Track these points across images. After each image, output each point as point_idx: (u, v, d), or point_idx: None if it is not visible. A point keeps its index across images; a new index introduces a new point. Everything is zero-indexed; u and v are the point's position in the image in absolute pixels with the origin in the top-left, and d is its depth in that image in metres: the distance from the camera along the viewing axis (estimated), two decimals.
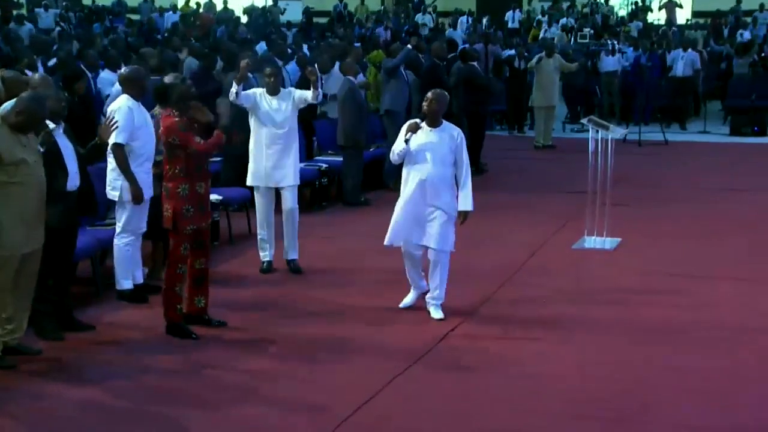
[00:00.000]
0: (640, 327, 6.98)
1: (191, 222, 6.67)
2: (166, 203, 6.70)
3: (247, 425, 5.37)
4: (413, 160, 7.00)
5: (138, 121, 7.28)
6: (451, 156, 6.99)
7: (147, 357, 6.44)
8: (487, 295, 7.74)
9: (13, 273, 6.06)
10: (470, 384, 5.96)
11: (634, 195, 11.50)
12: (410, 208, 7.00)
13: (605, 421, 5.41)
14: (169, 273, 6.72)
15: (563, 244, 9.42)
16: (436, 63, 12.90)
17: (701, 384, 5.95)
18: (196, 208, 6.68)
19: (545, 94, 16.00)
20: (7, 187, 5.93)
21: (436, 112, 7.02)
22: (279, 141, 8.33)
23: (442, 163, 6.96)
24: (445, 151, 6.97)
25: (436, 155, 6.95)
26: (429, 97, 7.05)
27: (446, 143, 6.98)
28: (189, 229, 6.68)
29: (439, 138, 6.99)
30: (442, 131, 7.03)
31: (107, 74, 12.05)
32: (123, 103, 7.38)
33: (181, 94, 6.68)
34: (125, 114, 7.24)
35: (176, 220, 6.63)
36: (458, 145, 7.00)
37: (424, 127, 6.99)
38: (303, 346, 6.60)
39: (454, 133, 7.04)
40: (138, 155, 7.32)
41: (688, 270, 8.54)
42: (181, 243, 6.69)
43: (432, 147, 6.95)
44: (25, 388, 5.90)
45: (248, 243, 9.55)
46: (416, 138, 6.96)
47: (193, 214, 6.67)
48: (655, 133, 16.87)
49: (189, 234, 6.70)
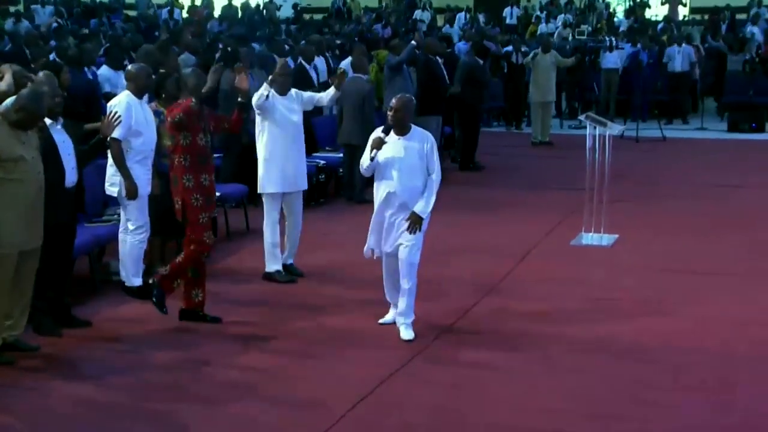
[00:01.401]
0: (641, 325, 6.99)
1: (202, 210, 6.75)
2: (176, 196, 6.80)
3: (246, 421, 5.37)
4: (381, 173, 6.62)
5: (138, 117, 7.27)
6: (422, 164, 6.57)
7: (145, 353, 6.44)
8: (484, 292, 7.74)
9: (13, 271, 6.06)
10: (469, 379, 5.96)
11: (632, 191, 11.51)
12: (379, 219, 6.66)
13: (606, 419, 5.42)
14: (193, 253, 6.77)
15: (561, 240, 9.43)
16: (431, 59, 12.90)
17: (698, 382, 5.96)
18: (204, 198, 6.76)
19: (542, 90, 16.01)
20: (6, 184, 5.93)
21: (402, 120, 6.60)
22: (297, 143, 8.03)
23: (412, 174, 6.54)
24: (414, 161, 6.55)
25: (405, 166, 6.54)
26: (393, 105, 6.61)
27: (415, 152, 6.56)
28: (203, 216, 6.75)
29: (407, 147, 6.57)
30: (410, 140, 6.60)
31: (106, 70, 12.03)
32: (123, 99, 7.38)
33: (195, 86, 6.75)
34: (124, 110, 7.25)
35: (186, 211, 6.71)
36: (428, 152, 6.59)
37: (391, 138, 6.58)
38: (301, 342, 6.61)
39: (424, 138, 6.65)
40: (138, 152, 7.32)
41: (686, 266, 8.55)
42: (202, 232, 6.77)
43: (400, 159, 6.55)
44: (23, 384, 5.90)
45: (245, 239, 9.56)
46: (383, 149, 6.57)
47: (202, 203, 6.75)
48: (652, 130, 16.88)
49: (205, 223, 6.78)
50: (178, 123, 6.67)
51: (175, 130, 6.73)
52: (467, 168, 13.79)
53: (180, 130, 6.70)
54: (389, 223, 6.62)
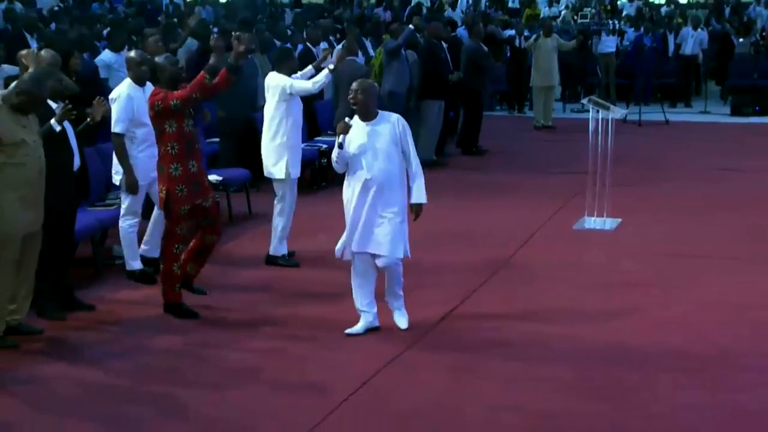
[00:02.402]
0: (643, 309, 7.00)
1: (185, 202, 6.66)
2: (161, 184, 6.71)
3: (248, 405, 5.39)
4: (354, 162, 6.26)
5: (140, 107, 7.23)
6: (395, 148, 6.24)
7: (147, 337, 6.46)
8: (487, 276, 7.75)
9: (17, 254, 6.07)
10: (470, 364, 5.97)
11: (635, 175, 11.48)
12: (356, 215, 6.27)
13: (606, 404, 5.43)
14: (167, 253, 6.73)
15: (564, 224, 9.42)
16: (434, 43, 12.86)
17: (700, 365, 5.97)
18: (190, 188, 6.66)
19: (544, 74, 15.96)
20: (8, 167, 5.94)
21: (363, 103, 6.25)
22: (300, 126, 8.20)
23: (386, 160, 6.22)
24: (386, 145, 6.22)
25: (377, 152, 6.20)
26: (354, 88, 6.27)
27: (387, 136, 6.23)
28: (183, 209, 6.68)
29: (376, 132, 6.24)
30: (377, 123, 6.26)
31: (107, 55, 12.00)
32: (123, 91, 7.38)
33: (171, 76, 6.68)
34: (124, 103, 7.25)
35: (169, 200, 6.63)
36: (401, 134, 6.26)
37: (357, 125, 6.27)
38: (303, 327, 6.62)
39: (392, 120, 6.29)
40: (141, 141, 7.33)
41: (689, 250, 8.54)
42: (177, 223, 6.69)
43: (370, 144, 6.21)
44: (26, 367, 5.93)
45: (248, 224, 9.57)
46: (352, 138, 6.25)
47: (186, 194, 6.65)
48: (655, 113, 16.84)
49: (185, 214, 6.70)
50: (158, 110, 6.51)
51: (159, 119, 6.58)
52: (470, 152, 13.77)
53: (165, 118, 6.55)
54: (364, 218, 6.24)
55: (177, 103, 6.49)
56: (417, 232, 6.72)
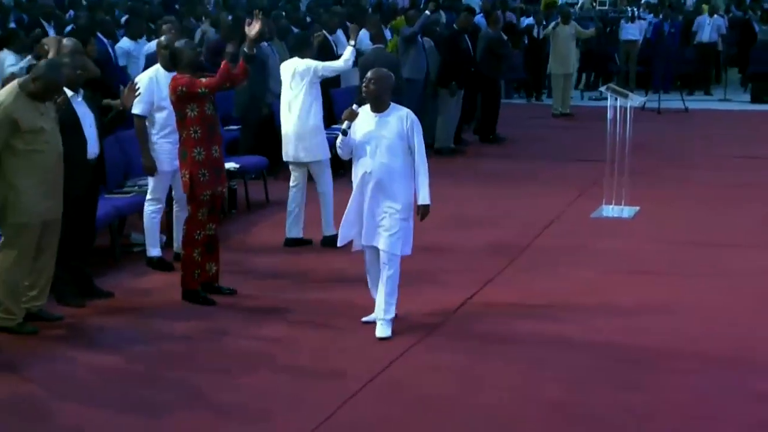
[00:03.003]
0: (661, 297, 6.98)
1: (207, 187, 6.69)
2: (183, 168, 6.74)
3: (266, 391, 5.41)
4: (357, 151, 6.14)
5: (163, 92, 7.22)
6: (401, 143, 6.07)
7: (164, 323, 6.49)
8: (506, 263, 7.74)
9: (35, 241, 6.11)
10: (488, 351, 5.97)
11: (653, 163, 11.43)
12: (356, 206, 6.18)
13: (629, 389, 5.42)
14: (188, 239, 6.75)
15: (581, 212, 9.39)
16: (458, 32, 12.80)
17: (721, 352, 5.95)
18: (212, 173, 6.70)
19: (562, 62, 15.89)
20: (26, 154, 5.97)
21: (374, 94, 6.10)
22: None
23: (390, 153, 6.05)
24: (392, 138, 6.05)
25: (381, 144, 6.05)
26: (368, 77, 6.15)
27: (393, 129, 6.07)
28: (206, 194, 6.70)
29: (383, 124, 6.09)
30: (386, 116, 6.10)
31: (126, 42, 12.03)
32: (147, 73, 7.44)
33: (190, 61, 6.70)
34: (146, 85, 7.27)
35: (193, 185, 6.66)
36: (409, 129, 6.07)
37: (366, 114, 6.13)
38: (319, 314, 6.63)
39: (402, 114, 6.12)
40: (163, 126, 7.34)
41: (707, 238, 8.50)
42: (199, 208, 6.72)
43: (375, 135, 6.07)
44: (46, 353, 5.98)
45: (266, 211, 9.59)
46: (358, 126, 6.12)
47: (208, 180, 6.69)
48: (674, 101, 16.75)
49: (206, 200, 6.72)
50: (181, 95, 6.56)
51: (181, 104, 6.63)
52: (488, 140, 13.74)
53: (187, 103, 6.61)
54: (368, 211, 6.12)
55: (205, 91, 6.57)
56: (436, 219, 6.70)
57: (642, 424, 5.01)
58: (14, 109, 5.91)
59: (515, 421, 5.06)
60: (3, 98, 5.96)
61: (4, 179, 5.97)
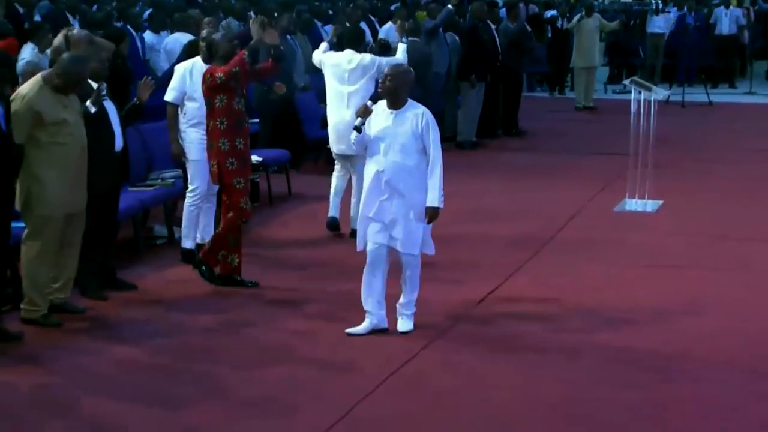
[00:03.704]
0: (685, 291, 6.94)
1: (237, 175, 6.77)
2: (212, 159, 6.84)
3: (287, 384, 5.42)
4: (372, 148, 6.01)
5: (196, 83, 7.23)
6: (416, 142, 5.89)
7: (187, 316, 6.52)
8: (528, 257, 7.72)
9: (59, 233, 6.15)
10: (508, 346, 5.96)
11: (677, 157, 11.35)
12: (369, 205, 6.02)
13: (649, 383, 5.40)
14: (230, 224, 6.83)
15: (604, 206, 9.35)
16: (476, 24, 12.77)
17: (744, 346, 5.91)
18: (239, 162, 6.80)
19: (585, 55, 15.80)
20: (50, 147, 6.01)
21: (390, 90, 5.96)
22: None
23: (403, 152, 5.88)
24: (406, 136, 5.90)
25: (395, 142, 5.90)
26: (386, 73, 6.06)
27: (408, 127, 5.90)
28: (239, 181, 6.78)
29: (398, 122, 5.94)
30: (403, 113, 5.95)
31: (148, 36, 12.07)
32: (184, 64, 7.51)
33: (226, 53, 6.80)
34: (179, 74, 7.38)
35: (222, 174, 6.75)
36: (423, 128, 5.90)
37: (383, 110, 6.01)
38: (341, 307, 6.62)
39: (417, 113, 5.93)
40: (193, 116, 7.37)
41: (731, 232, 8.45)
42: (240, 197, 6.80)
43: (390, 132, 5.92)
44: (70, 345, 6.02)
45: (287, 204, 9.62)
46: (374, 122, 5.99)
47: (237, 167, 6.77)
48: (698, 94, 16.62)
49: (243, 188, 6.81)
50: (217, 85, 6.67)
51: (211, 93, 6.76)
52: (510, 133, 13.70)
53: (216, 93, 6.72)
54: (380, 209, 5.97)
55: (221, 77, 6.66)
56: (457, 212, 6.71)
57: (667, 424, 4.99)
58: (37, 101, 5.95)
59: (526, 421, 5.01)
60: (26, 91, 6.00)
61: (28, 171, 6.01)
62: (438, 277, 7.07)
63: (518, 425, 4.96)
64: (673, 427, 4.95)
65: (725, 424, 4.98)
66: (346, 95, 8.23)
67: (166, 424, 4.98)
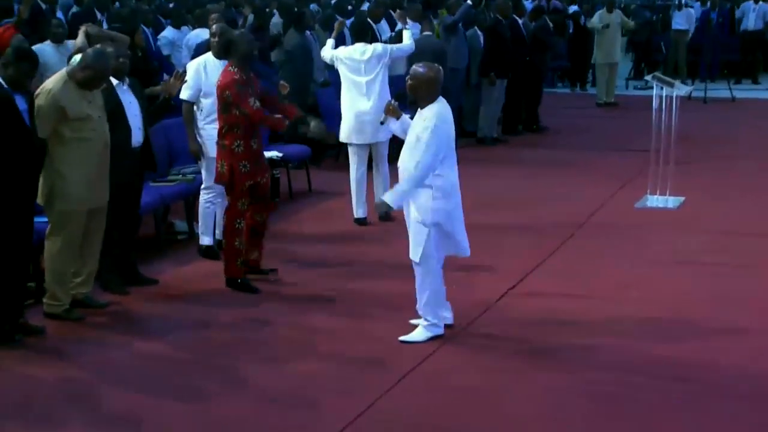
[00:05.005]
0: (707, 288, 6.90)
1: (248, 178, 6.74)
2: (222, 159, 6.77)
3: (308, 379, 5.43)
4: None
5: (211, 79, 7.21)
6: (418, 145, 5.72)
7: (208, 311, 6.55)
8: (549, 251, 7.70)
9: (81, 228, 6.19)
10: (528, 344, 5.94)
11: (699, 153, 11.30)
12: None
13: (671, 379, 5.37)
14: (229, 228, 6.80)
15: (626, 202, 9.31)
16: (499, 20, 12.72)
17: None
18: (252, 164, 6.75)
19: (607, 51, 15.73)
20: (74, 142, 6.05)
21: (411, 89, 5.83)
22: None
23: (407, 153, 5.78)
24: (410, 139, 5.79)
25: (406, 143, 5.85)
26: (410, 72, 5.94)
27: (414, 129, 5.82)
28: (246, 185, 6.75)
29: (413, 123, 5.89)
30: (421, 113, 5.80)
31: (169, 32, 12.10)
32: (197, 60, 7.51)
33: (244, 54, 6.75)
34: (193, 71, 7.34)
35: (233, 176, 6.71)
36: (423, 129, 5.71)
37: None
38: (361, 303, 6.65)
39: (428, 115, 5.76)
40: (210, 112, 7.36)
41: (754, 229, 8.39)
42: (239, 199, 6.76)
43: (410, 132, 5.87)
44: (92, 339, 6.06)
45: (308, 200, 9.63)
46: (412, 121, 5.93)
47: (249, 170, 6.73)
48: (721, 90, 16.51)
49: (246, 190, 6.77)
50: (227, 100, 6.62)
51: (223, 101, 6.69)
52: (531, 129, 13.66)
53: (228, 104, 6.65)
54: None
55: (245, 112, 6.61)
56: (477, 208, 6.68)
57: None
58: (62, 96, 5.98)
59: (545, 421, 5.00)
60: (51, 86, 6.04)
61: (52, 167, 6.04)
62: (459, 271, 7.03)
63: (537, 425, 4.94)
64: (699, 427, 4.93)
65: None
66: (364, 85, 8.45)
67: (192, 417, 5.00)
